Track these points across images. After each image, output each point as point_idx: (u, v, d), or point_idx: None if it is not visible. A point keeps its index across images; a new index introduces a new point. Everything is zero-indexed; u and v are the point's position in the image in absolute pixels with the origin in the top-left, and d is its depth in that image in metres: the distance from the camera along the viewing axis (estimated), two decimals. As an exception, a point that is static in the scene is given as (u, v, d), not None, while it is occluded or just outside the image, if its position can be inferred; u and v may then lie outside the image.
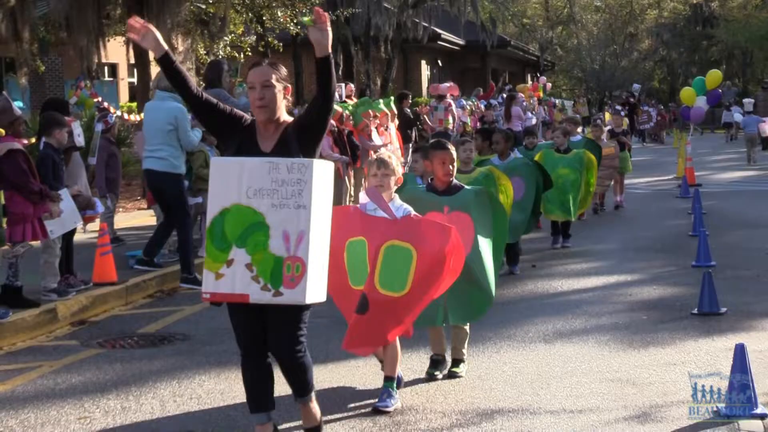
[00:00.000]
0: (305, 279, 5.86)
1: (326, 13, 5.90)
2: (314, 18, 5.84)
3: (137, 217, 18.89)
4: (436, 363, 8.38)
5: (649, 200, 22.07)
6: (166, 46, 6.06)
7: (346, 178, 19.01)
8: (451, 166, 8.21)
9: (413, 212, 7.31)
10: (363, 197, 7.39)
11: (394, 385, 7.54)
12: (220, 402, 7.75)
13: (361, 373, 8.42)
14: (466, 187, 8.39)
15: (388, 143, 19.91)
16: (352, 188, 19.53)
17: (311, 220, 5.89)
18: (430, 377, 8.25)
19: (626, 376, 8.25)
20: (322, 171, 6.04)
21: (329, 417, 7.15)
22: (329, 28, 5.92)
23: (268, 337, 6.27)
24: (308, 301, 5.91)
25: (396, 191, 7.59)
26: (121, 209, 19.03)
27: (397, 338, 7.46)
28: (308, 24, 5.90)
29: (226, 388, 8.10)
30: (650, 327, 10.00)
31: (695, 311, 10.43)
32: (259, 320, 6.24)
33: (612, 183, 20.19)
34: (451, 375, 8.29)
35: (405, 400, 7.67)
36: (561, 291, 12.11)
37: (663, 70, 79.70)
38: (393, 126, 21.85)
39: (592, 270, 13.52)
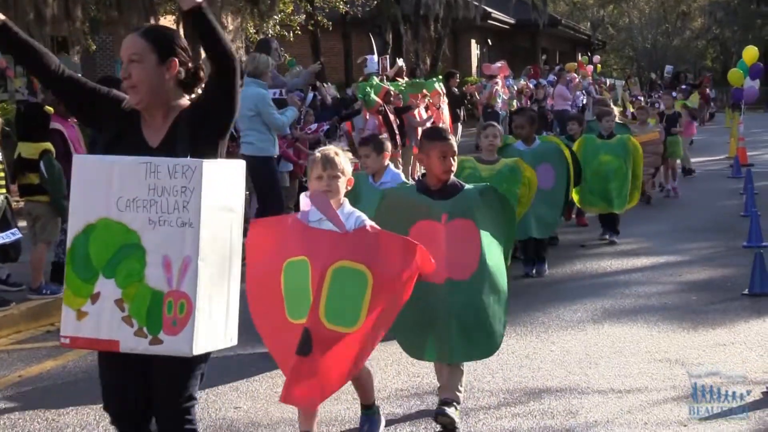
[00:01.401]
0: (192, 322, 4.36)
1: None
2: None
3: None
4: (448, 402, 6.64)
5: (700, 180, 21.88)
6: (2, 16, 4.53)
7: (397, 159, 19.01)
8: (452, 160, 6.60)
9: (368, 222, 5.81)
10: (304, 203, 5.87)
11: (374, 410, 6.52)
12: (268, 378, 7.79)
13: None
14: (467, 186, 6.70)
15: (431, 118, 19.89)
16: (401, 167, 19.53)
17: (201, 242, 4.38)
18: (441, 415, 6.51)
19: (675, 356, 8.20)
20: (221, 175, 4.52)
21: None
22: None
23: (152, 397, 4.68)
24: (196, 351, 4.38)
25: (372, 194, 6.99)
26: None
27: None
28: None
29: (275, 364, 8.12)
30: (700, 307, 9.94)
31: (746, 292, 10.34)
32: (137, 375, 4.65)
33: (658, 170, 18.65)
34: (439, 415, 6.51)
35: (452, 379, 7.67)
36: (610, 271, 12.05)
37: (716, 49, 78.81)
38: (445, 106, 21.82)
39: (642, 250, 13.43)
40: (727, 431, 6.40)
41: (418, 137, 19.64)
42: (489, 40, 50.91)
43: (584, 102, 30.27)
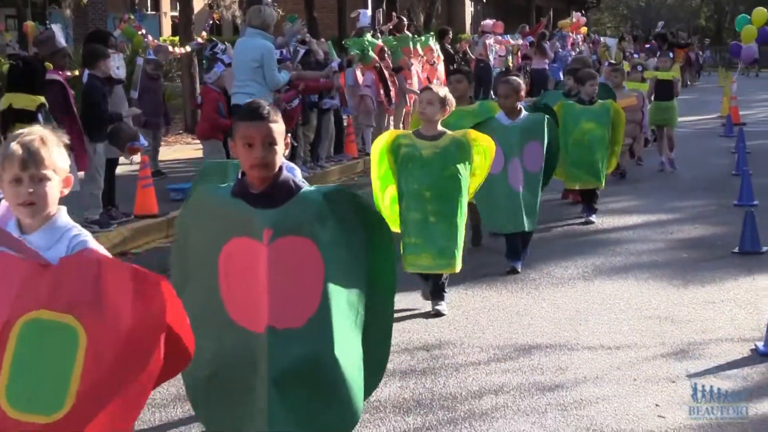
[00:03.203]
0: None
1: None
2: None
3: (179, 150, 18.99)
4: None
5: (691, 139, 21.85)
6: None
7: (387, 115, 19.04)
8: (264, 151, 4.38)
9: (92, 244, 3.90)
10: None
11: None
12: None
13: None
14: (308, 187, 4.56)
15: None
16: (392, 126, 19.53)
17: None
18: None
19: (665, 313, 8.23)
20: None
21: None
22: None
23: None
24: None
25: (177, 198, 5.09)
26: (162, 143, 19.14)
27: None
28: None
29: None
30: (690, 265, 9.96)
31: (736, 250, 10.36)
32: None
33: (635, 140, 16.27)
34: None
35: (443, 334, 7.71)
36: (601, 228, 12.05)
37: (710, 7, 78.60)
38: (441, 65, 21.79)
39: (633, 208, 13.44)
40: (716, 388, 6.43)
41: (407, 97, 19.73)
42: (483, -3, 50.71)
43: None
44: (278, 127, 4.46)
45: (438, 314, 8.22)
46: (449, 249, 7.99)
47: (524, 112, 9.92)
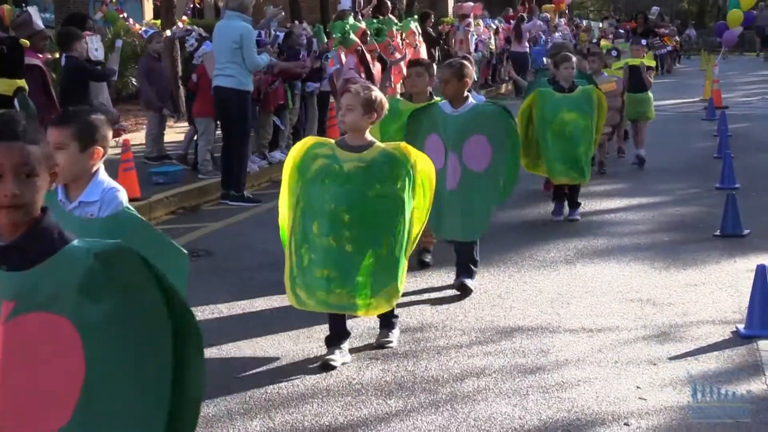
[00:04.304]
0: None
1: None
2: None
3: (167, 133, 18.87)
4: None
5: (673, 122, 21.88)
6: None
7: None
8: (17, 186, 2.99)
9: None
10: None
11: None
12: (241, 317, 7.82)
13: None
14: (74, 243, 3.02)
15: (405, 56, 19.88)
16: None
17: None
18: None
19: (646, 296, 8.25)
20: None
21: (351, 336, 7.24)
22: None
23: None
24: None
25: None
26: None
27: None
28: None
29: (247, 304, 8.16)
30: (672, 248, 9.98)
31: (718, 233, 10.39)
32: None
33: (616, 128, 15.06)
34: None
35: (425, 317, 7.71)
36: (583, 211, 12.03)
37: (693, -10, 78.68)
38: (424, 47, 21.73)
39: (615, 191, 13.46)
40: (697, 370, 6.45)
41: (392, 76, 19.68)
42: (466, -20, 50.56)
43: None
44: (40, 151, 3.07)
45: (327, 366, 6.57)
46: (365, 286, 6.54)
47: (471, 101, 8.48)
